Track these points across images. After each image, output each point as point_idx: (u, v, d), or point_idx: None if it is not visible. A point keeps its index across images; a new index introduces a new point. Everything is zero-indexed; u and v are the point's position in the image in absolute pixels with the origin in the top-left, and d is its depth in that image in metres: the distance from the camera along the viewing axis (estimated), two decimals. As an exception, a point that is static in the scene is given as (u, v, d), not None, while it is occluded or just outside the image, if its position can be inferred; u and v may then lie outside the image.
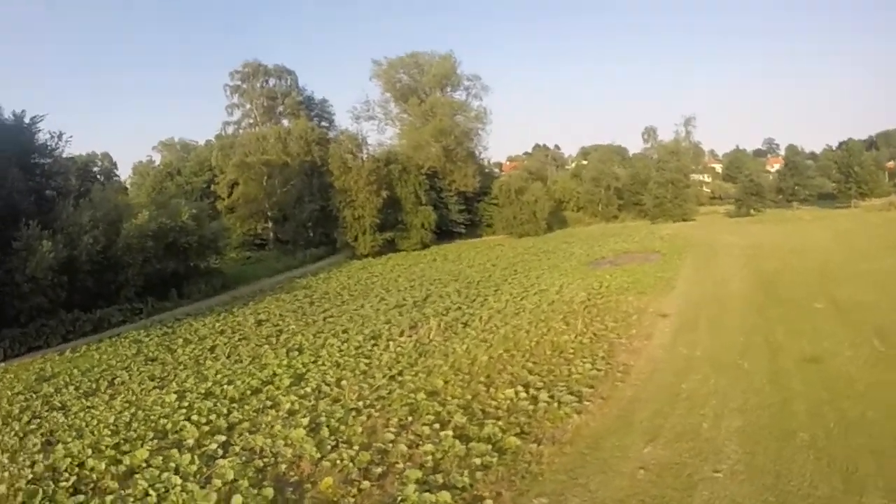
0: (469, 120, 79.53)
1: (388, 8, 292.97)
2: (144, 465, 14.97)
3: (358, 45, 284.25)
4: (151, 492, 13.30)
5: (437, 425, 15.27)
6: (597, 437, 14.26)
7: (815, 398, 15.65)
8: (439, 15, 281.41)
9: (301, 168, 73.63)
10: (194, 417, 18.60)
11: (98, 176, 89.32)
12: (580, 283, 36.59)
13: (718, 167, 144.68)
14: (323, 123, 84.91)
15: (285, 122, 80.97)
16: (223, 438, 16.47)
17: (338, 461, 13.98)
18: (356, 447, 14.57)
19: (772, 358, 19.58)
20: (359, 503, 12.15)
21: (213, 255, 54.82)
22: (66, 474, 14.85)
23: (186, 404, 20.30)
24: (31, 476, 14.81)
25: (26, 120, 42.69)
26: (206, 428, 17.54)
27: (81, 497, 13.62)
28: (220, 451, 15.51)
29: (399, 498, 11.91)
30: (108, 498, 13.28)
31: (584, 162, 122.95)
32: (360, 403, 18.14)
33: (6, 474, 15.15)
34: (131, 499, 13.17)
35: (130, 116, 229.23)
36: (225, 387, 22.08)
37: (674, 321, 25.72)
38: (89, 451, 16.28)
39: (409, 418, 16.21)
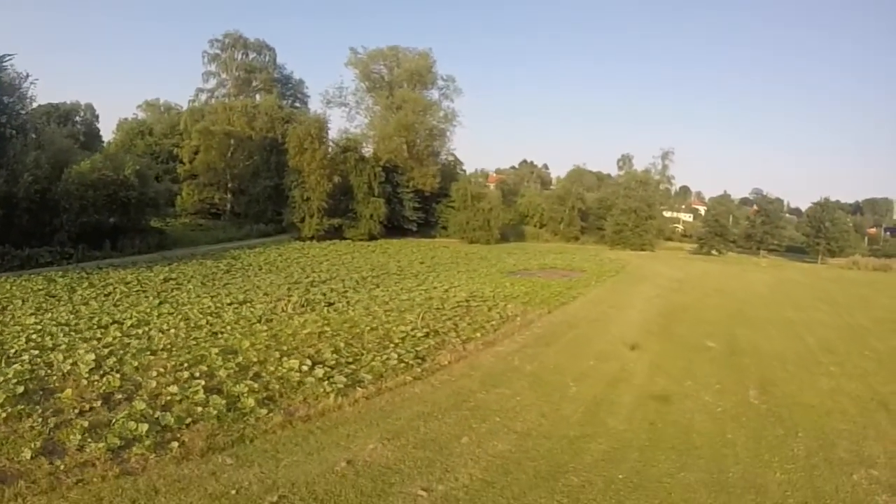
0: (437, 119, 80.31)
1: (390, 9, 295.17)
2: (-36, 362, 16.32)
3: (349, 33, 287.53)
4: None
5: (198, 374, 15.70)
6: (339, 423, 13.57)
7: (624, 440, 13.40)
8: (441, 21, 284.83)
9: (263, 143, 74.11)
10: (34, 337, 19.95)
11: (79, 126, 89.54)
12: (476, 286, 36.45)
13: (703, 209, 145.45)
14: (296, 104, 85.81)
15: (258, 96, 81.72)
16: (37, 352, 17.70)
17: (95, 383, 14.73)
18: (119, 376, 15.20)
19: (612, 387, 17.45)
20: (83, 416, 12.71)
21: (152, 213, 55.59)
22: None
23: (39, 328, 21.76)
24: None
25: (-6, 59, 43.23)
26: (32, 344, 18.86)
27: None
28: (27, 362, 16.38)
29: (112, 420, 12.45)
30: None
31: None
32: (163, 347, 18.77)
33: None
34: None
35: (130, 74, 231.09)
36: (83, 321, 23.41)
37: (534, 333, 24.19)
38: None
39: (186, 364, 16.67)
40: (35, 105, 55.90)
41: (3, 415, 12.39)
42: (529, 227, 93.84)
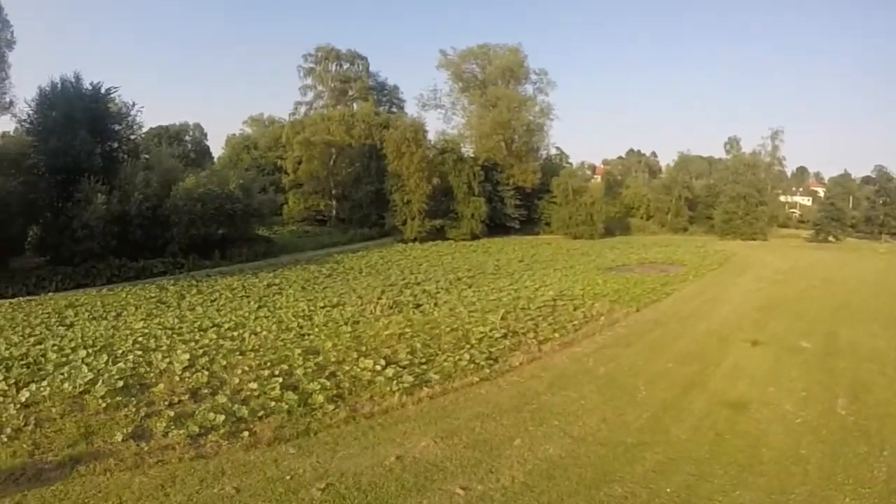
0: (533, 114, 79.63)
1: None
2: (79, 360, 18.64)
3: (442, 35, 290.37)
4: (65, 372, 17.06)
5: (278, 373, 16.72)
6: (399, 420, 14.07)
7: (683, 451, 12.67)
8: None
9: (362, 150, 76.18)
10: (140, 339, 22.24)
11: (188, 144, 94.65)
12: (568, 284, 35.91)
13: (822, 191, 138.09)
14: (393, 110, 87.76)
15: (355, 105, 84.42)
16: (140, 352, 19.65)
17: (186, 379, 16.20)
18: (207, 374, 16.60)
19: (685, 392, 16.46)
20: (171, 408, 14.18)
21: (258, 223, 58.72)
22: (35, 357, 19.78)
23: (146, 331, 24.20)
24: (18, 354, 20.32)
25: (102, 90, 47.81)
26: (138, 346, 21.01)
27: (30, 367, 18.32)
28: (130, 361, 18.24)
29: (195, 411, 13.82)
30: (47, 372, 17.48)
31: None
32: (251, 347, 20.08)
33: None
34: (61, 377, 16.45)
35: (238, 93, 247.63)
36: (186, 325, 25.72)
37: (616, 333, 23.48)
38: (58, 349, 20.98)
39: (269, 364, 17.76)
40: (145, 130, 61.25)
41: (104, 405, 14.09)
42: (636, 219, 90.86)
